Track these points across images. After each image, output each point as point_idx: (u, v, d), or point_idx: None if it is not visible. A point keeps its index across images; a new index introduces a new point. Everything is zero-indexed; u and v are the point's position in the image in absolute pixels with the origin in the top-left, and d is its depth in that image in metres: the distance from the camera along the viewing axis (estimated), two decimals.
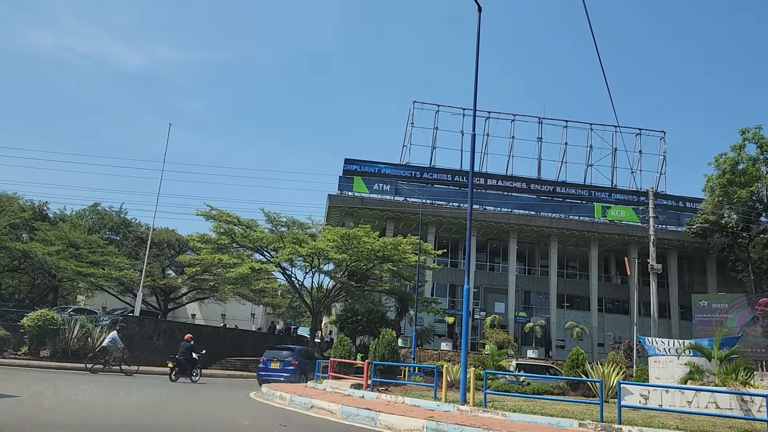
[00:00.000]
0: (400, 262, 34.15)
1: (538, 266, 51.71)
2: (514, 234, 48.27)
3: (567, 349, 46.91)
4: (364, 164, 47.97)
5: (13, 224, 36.09)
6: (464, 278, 11.44)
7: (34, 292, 42.78)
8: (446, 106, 50.47)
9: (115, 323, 31.62)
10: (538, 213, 48.85)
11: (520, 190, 49.62)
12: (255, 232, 32.98)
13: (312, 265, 33.70)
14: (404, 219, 46.99)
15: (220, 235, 33.05)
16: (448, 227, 48.28)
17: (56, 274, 34.23)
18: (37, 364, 25.21)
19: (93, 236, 38.38)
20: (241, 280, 32.86)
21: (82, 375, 22.06)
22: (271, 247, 33.70)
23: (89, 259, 35.21)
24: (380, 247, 32.65)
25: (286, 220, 33.64)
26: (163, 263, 42.63)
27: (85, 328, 29.12)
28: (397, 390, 14.01)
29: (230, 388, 20.14)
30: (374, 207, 46.28)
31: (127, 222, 45.68)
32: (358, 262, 34.24)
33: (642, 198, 50.80)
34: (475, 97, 12.15)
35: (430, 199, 48.06)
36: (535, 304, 50.82)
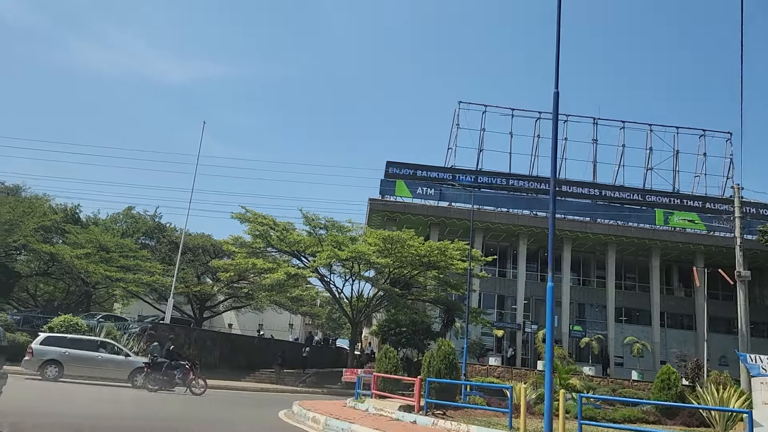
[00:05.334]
0: (447, 269, 31.48)
1: (594, 277, 48.25)
2: (568, 242, 45.01)
3: (626, 366, 43.31)
4: (406, 167, 45.49)
5: (44, 227, 34.86)
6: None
7: (69, 299, 41.62)
8: (494, 106, 47.71)
9: (144, 330, 29.82)
10: (594, 219, 45.51)
11: (574, 194, 46.35)
12: (291, 235, 30.81)
13: (352, 272, 31.30)
14: (449, 225, 44.35)
15: (255, 238, 31.00)
16: (497, 234, 45.36)
17: (85, 279, 32.69)
18: None
19: (125, 240, 36.88)
20: (277, 287, 30.66)
21: (121, 388, 19.93)
22: (309, 252, 31.48)
23: (120, 263, 33.62)
24: (426, 251, 30.07)
25: (325, 222, 31.38)
26: (197, 269, 40.89)
27: (111, 335, 27.32)
28: (458, 414, 11.32)
29: (257, 405, 17.80)
30: (417, 212, 43.78)
31: (161, 226, 44.24)
32: (402, 268, 31.72)
33: (708, 204, 46.95)
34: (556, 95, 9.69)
35: (477, 205, 45.23)
36: (589, 318, 47.34)
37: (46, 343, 19.96)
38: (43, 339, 20.24)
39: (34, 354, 19.54)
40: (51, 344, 20.00)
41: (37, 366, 19.31)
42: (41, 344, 19.91)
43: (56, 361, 19.61)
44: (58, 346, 19.99)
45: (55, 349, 19.81)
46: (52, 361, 19.52)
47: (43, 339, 20.24)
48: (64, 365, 19.59)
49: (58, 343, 20.21)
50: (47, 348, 19.70)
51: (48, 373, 19.33)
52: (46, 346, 19.78)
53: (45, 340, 20.17)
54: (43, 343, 19.90)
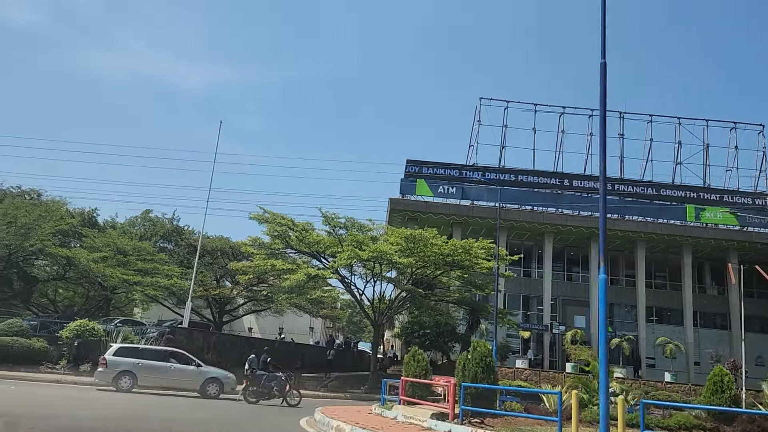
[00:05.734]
0: (471, 268, 30.36)
1: (623, 275, 46.74)
2: (596, 239, 43.55)
3: (658, 368, 41.72)
4: (427, 166, 44.47)
5: (61, 231, 34.41)
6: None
7: (88, 304, 41.21)
8: (516, 102, 46.49)
9: (162, 335, 29.14)
10: (622, 216, 44.02)
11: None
12: (311, 236, 29.93)
13: (373, 272, 30.31)
14: (472, 224, 43.22)
15: (274, 239, 30.19)
16: (521, 233, 44.13)
17: (103, 283, 32.15)
18: (72, 380, 22.70)
19: (142, 243, 36.29)
20: (297, 289, 29.77)
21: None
22: (329, 252, 30.56)
23: (137, 266, 33.02)
24: (450, 250, 29.00)
25: (345, 221, 30.44)
26: (216, 272, 40.19)
27: (128, 340, 26.66)
28: (497, 423, 10.14)
29: (277, 412, 16.90)
30: (439, 211, 42.71)
31: (179, 229, 43.65)
32: (424, 268, 30.67)
33: (740, 198, 45.27)
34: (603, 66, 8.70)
35: (501, 203, 44.09)
36: (618, 318, 45.86)
37: (118, 354, 19.89)
38: (115, 350, 20.12)
39: (108, 365, 19.50)
40: (123, 355, 19.92)
41: (112, 377, 19.34)
42: (114, 355, 19.83)
43: (130, 372, 19.60)
44: (131, 357, 19.95)
45: (129, 359, 19.79)
46: (125, 372, 19.53)
47: (116, 350, 20.13)
48: (137, 376, 19.56)
49: (131, 353, 20.17)
50: (120, 359, 19.65)
51: (122, 384, 19.29)
52: (119, 357, 19.73)
53: (117, 351, 20.06)
54: (116, 354, 19.83)
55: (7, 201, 31.60)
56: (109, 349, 20.62)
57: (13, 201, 31.28)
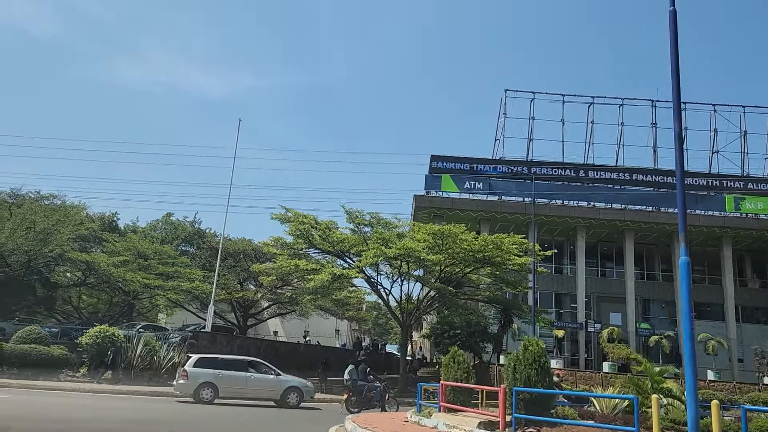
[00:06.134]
0: (503, 264, 28.97)
1: (659, 270, 44.94)
2: (630, 233, 41.94)
3: (700, 365, 39.82)
4: (452, 161, 43.21)
5: (82, 236, 33.80)
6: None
7: (112, 310, 40.65)
8: (543, 93, 45.03)
9: (185, 340, 28.27)
10: (658, 208, 42.30)
11: (634, 182, 43.20)
12: (334, 234, 28.84)
13: (400, 271, 29.09)
14: (500, 220, 41.84)
15: (297, 238, 29.15)
16: (552, 228, 42.62)
17: (123, 287, 31.42)
18: (94, 388, 21.88)
19: (163, 247, 35.54)
20: (321, 290, 28.69)
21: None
22: (354, 251, 29.45)
23: (158, 270, 32.23)
24: (480, 246, 27.68)
25: (370, 218, 29.28)
26: (239, 275, 39.34)
27: (149, 345, 25.80)
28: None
29: (306, 419, 15.79)
30: (466, 207, 41.42)
31: (200, 232, 42.89)
32: (453, 266, 29.39)
33: None
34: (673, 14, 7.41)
35: (529, 197, 42.62)
36: (656, 314, 44.11)
37: (198, 365, 19.38)
38: (195, 361, 19.54)
39: (189, 377, 18.96)
40: (203, 366, 19.39)
41: (193, 388, 18.83)
42: (194, 366, 19.32)
43: (211, 383, 19.04)
44: (210, 368, 19.41)
45: (209, 370, 19.27)
46: (207, 384, 18.98)
47: (196, 361, 19.55)
48: (218, 387, 19.03)
49: (210, 364, 19.62)
50: (201, 370, 19.16)
51: (203, 396, 18.79)
52: (199, 368, 19.23)
53: (197, 362, 19.50)
54: (196, 366, 19.32)
55: (25, 206, 31.06)
56: (188, 360, 19.95)
57: (31, 206, 30.72)
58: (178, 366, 27.06)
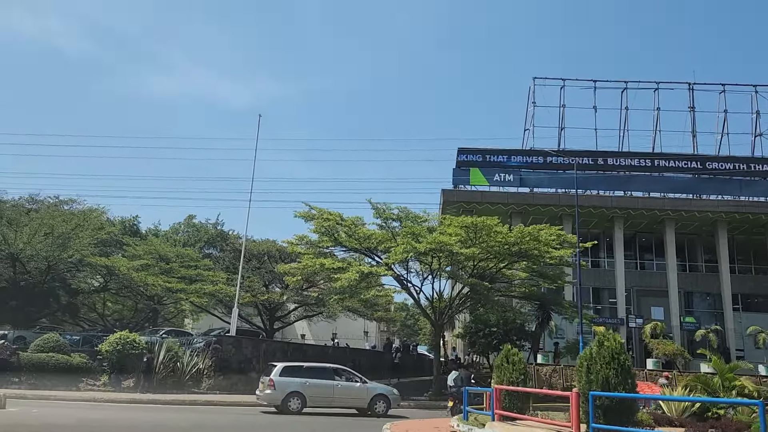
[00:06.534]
0: (541, 257, 27.31)
1: (701, 261, 42.74)
2: (671, 223, 39.89)
3: (748, 359, 37.64)
4: (480, 153, 41.58)
5: (102, 240, 32.96)
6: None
7: (137, 317, 39.87)
8: (573, 79, 43.22)
9: (209, 345, 27.15)
10: (698, 196, 40.20)
11: (673, 169, 41.11)
12: (361, 230, 27.46)
13: (431, 267, 27.58)
14: (532, 213, 40.08)
15: (322, 235, 27.83)
16: (587, 220, 40.68)
17: (145, 292, 30.46)
18: (120, 397, 20.80)
19: (185, 249, 34.53)
20: (349, 289, 27.30)
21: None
22: (381, 248, 28.01)
23: (180, 273, 31.21)
24: (516, 238, 26.07)
25: (398, 212, 27.84)
26: (264, 277, 38.21)
27: (171, 351, 24.70)
28: None
29: (339, 426, 14.42)
30: (496, 201, 39.74)
31: (223, 234, 41.87)
32: (487, 260, 27.78)
33: None
34: None
35: (563, 188, 40.85)
36: (700, 307, 41.95)
37: (284, 373, 18.84)
38: (281, 370, 18.94)
39: (276, 386, 18.42)
40: (289, 374, 18.87)
41: (281, 399, 18.35)
42: (281, 375, 18.73)
43: (299, 393, 18.55)
44: (297, 376, 18.94)
45: (296, 379, 18.82)
46: (294, 393, 18.49)
47: (282, 370, 18.95)
48: (306, 396, 18.54)
49: (296, 372, 19.16)
50: (288, 379, 18.65)
51: (291, 406, 18.28)
52: (286, 377, 18.71)
53: (283, 370, 18.93)
54: (282, 374, 18.78)
55: (42, 211, 30.29)
56: (274, 369, 19.18)
57: (49, 210, 29.91)
58: (202, 372, 26.05)
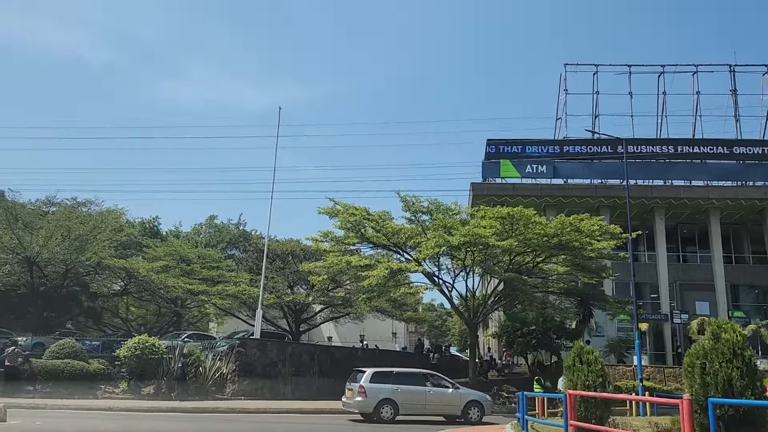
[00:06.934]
0: (583, 249, 25.47)
1: (748, 252, 40.40)
2: (715, 212, 37.71)
3: None
4: (511, 144, 39.80)
5: (122, 243, 31.93)
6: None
7: (161, 321, 38.88)
8: (606, 65, 41.37)
9: (232, 348, 25.85)
10: (744, 182, 37.94)
11: (716, 155, 38.91)
12: (389, 225, 25.92)
13: (464, 263, 25.90)
14: (567, 205, 38.19)
15: (347, 231, 26.36)
16: (625, 212, 38.58)
17: (165, 295, 29.31)
18: (141, 405, 19.52)
19: (207, 250, 33.35)
20: (378, 288, 25.77)
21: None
22: (410, 243, 26.44)
23: (201, 275, 30.02)
24: (555, 230, 24.32)
25: (428, 204, 26.24)
26: (288, 278, 36.88)
27: (193, 356, 23.45)
28: None
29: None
30: (529, 193, 37.95)
31: (246, 234, 40.66)
32: (523, 255, 26.04)
33: None
34: None
35: (599, 178, 38.92)
36: (746, 301, 39.63)
37: (374, 380, 18.08)
38: (370, 376, 18.15)
39: (367, 393, 17.68)
40: (379, 381, 18.11)
41: (373, 406, 17.62)
42: (371, 382, 17.99)
43: (390, 400, 17.83)
44: (386, 382, 18.21)
45: (387, 386, 18.10)
46: (386, 401, 17.78)
47: (371, 376, 18.16)
48: (398, 404, 17.79)
49: (386, 378, 18.40)
50: (379, 386, 17.94)
51: (384, 414, 17.60)
52: (376, 383, 17.98)
53: (373, 376, 18.16)
54: (372, 381, 18.03)
55: (58, 212, 29.32)
56: (363, 375, 18.38)
57: (64, 212, 28.90)
58: (225, 377, 24.79)
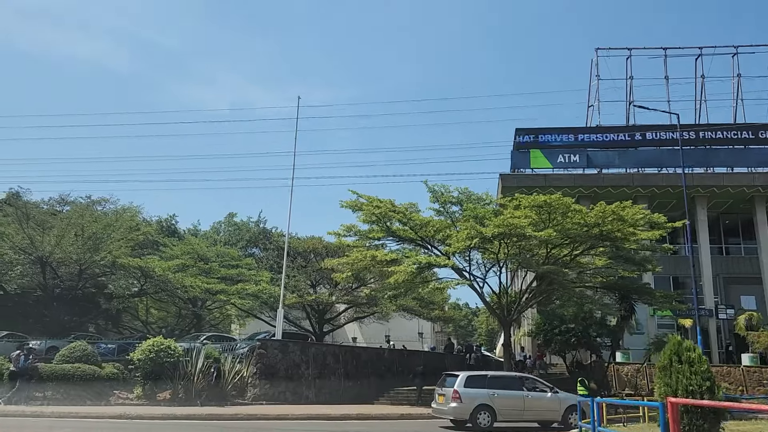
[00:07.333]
0: (626, 240, 23.62)
1: None
2: (761, 200, 35.48)
3: None
4: (541, 133, 37.95)
5: (139, 243, 30.79)
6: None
7: (182, 323, 37.78)
8: (640, 48, 39.24)
9: (252, 350, 24.53)
10: None
11: (760, 140, 36.69)
12: (416, 217, 24.35)
13: (497, 257, 24.22)
14: (602, 196, 35.96)
15: (372, 224, 24.83)
16: (664, 201, 36.63)
17: (182, 295, 28.07)
18: (146, 412, 18.12)
19: (225, 248, 32.09)
20: (405, 284, 24.18)
21: None
22: (439, 237, 24.82)
23: (220, 273, 28.74)
24: (596, 219, 22.54)
25: (458, 194, 24.59)
26: (311, 276, 35.50)
27: (211, 358, 22.12)
28: None
29: None
30: (561, 184, 35.98)
31: (266, 232, 39.35)
32: (561, 247, 24.24)
33: None
34: None
35: (635, 167, 36.94)
36: None
37: (468, 384, 17.24)
38: (465, 380, 17.32)
39: (463, 399, 16.79)
40: (473, 385, 17.26)
41: (469, 412, 16.69)
42: (465, 386, 17.14)
43: (487, 406, 16.91)
44: (480, 387, 17.35)
45: (483, 391, 17.21)
46: (483, 406, 16.87)
47: (465, 380, 17.34)
48: (495, 410, 16.86)
49: (481, 383, 17.56)
50: (475, 391, 17.07)
51: (481, 421, 16.69)
52: (471, 388, 17.13)
53: (467, 381, 17.35)
54: (467, 386, 17.17)
55: (71, 210, 28.23)
56: (456, 379, 17.52)
57: (77, 210, 27.79)
58: (246, 380, 23.45)
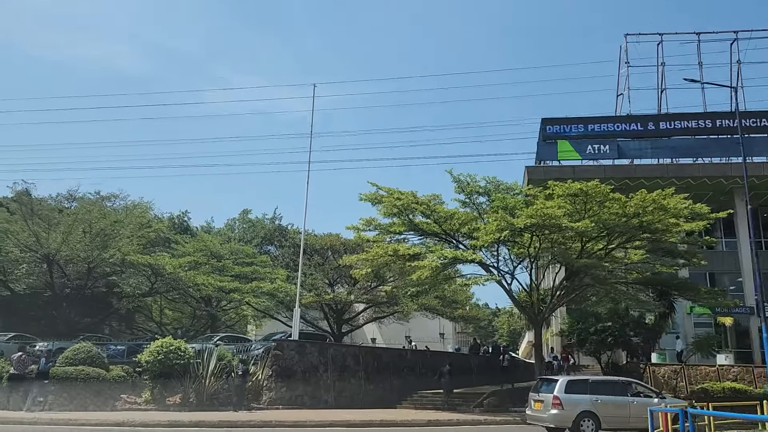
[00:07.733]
0: (667, 232, 21.87)
1: None
2: None
3: None
4: (569, 123, 36.20)
5: (150, 240, 29.61)
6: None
7: (197, 324, 36.62)
8: (671, 33, 37.35)
9: (268, 351, 23.18)
10: None
11: None
12: (440, 208, 22.80)
13: (528, 250, 22.61)
14: (634, 188, 33.95)
15: (393, 217, 23.33)
16: (701, 193, 34.61)
17: (195, 293, 26.81)
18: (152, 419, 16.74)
19: (239, 245, 30.81)
20: (429, 280, 22.64)
21: None
22: (464, 230, 23.24)
23: (234, 271, 27.45)
24: (636, 209, 20.84)
25: (486, 184, 23.00)
26: (328, 275, 34.09)
27: (224, 360, 20.79)
28: None
29: None
30: (591, 176, 33.47)
31: (282, 229, 38.06)
32: (596, 240, 22.54)
33: None
34: None
35: (669, 157, 35.06)
36: None
37: (569, 389, 16.00)
38: (565, 385, 16.13)
39: (564, 405, 15.65)
40: (574, 391, 16.04)
41: (572, 419, 15.60)
42: (566, 392, 15.93)
43: (591, 413, 15.76)
44: (582, 392, 16.11)
45: (585, 397, 16.00)
46: (586, 413, 15.73)
47: (565, 385, 16.15)
48: (599, 417, 15.70)
49: (582, 388, 16.31)
50: (577, 397, 15.88)
51: (584, 429, 15.61)
52: (572, 393, 15.92)
53: (568, 386, 16.14)
54: (567, 391, 15.93)
55: (78, 206, 27.11)
56: (555, 385, 16.37)
57: (85, 206, 26.65)
58: (261, 383, 22.11)
